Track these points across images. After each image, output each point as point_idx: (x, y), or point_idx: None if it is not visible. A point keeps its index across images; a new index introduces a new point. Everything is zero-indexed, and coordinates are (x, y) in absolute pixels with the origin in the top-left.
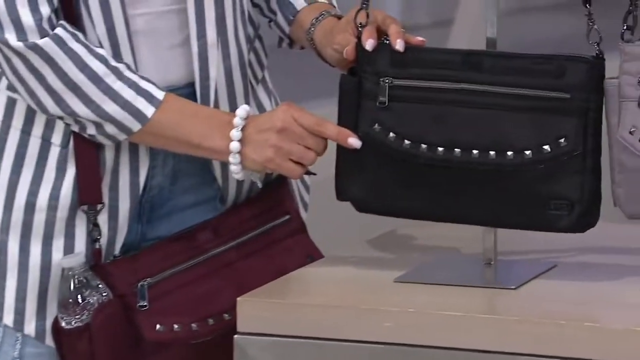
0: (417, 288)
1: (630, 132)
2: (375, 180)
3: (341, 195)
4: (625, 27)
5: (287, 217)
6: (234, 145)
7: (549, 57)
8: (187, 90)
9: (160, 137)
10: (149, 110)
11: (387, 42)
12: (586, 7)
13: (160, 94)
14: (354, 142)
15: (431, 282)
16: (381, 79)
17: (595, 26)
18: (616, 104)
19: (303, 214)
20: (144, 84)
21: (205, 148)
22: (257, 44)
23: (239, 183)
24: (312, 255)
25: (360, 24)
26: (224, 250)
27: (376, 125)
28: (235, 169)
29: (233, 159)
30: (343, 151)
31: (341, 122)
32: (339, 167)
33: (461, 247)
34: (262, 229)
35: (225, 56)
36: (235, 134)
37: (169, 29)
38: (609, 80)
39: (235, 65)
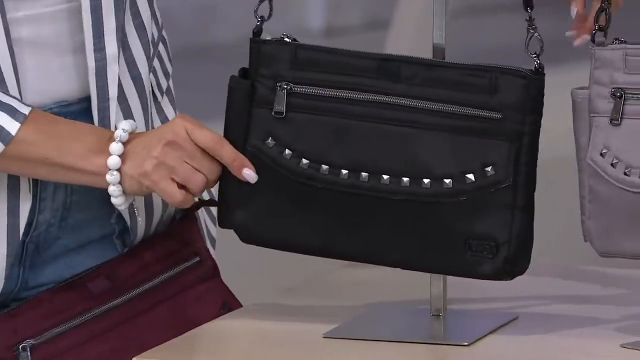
0: (350, 345)
1: (602, 154)
2: (265, 206)
3: (224, 221)
4: (596, 28)
5: (196, 259)
6: (113, 161)
7: (480, 69)
8: (80, 107)
9: (28, 159)
10: (12, 126)
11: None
12: (527, 11)
13: (25, 109)
14: (250, 175)
15: (368, 338)
16: (278, 84)
17: (537, 34)
18: (586, 120)
19: (213, 254)
20: (6, 99)
21: (80, 169)
22: (161, 47)
23: (149, 215)
24: (227, 303)
25: None
26: (123, 302)
27: (270, 139)
28: (113, 191)
29: (111, 177)
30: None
31: (228, 133)
32: (222, 188)
33: (405, 295)
34: (167, 275)
35: (126, 70)
36: (116, 147)
37: (58, 34)
38: (578, 90)
39: (137, 78)
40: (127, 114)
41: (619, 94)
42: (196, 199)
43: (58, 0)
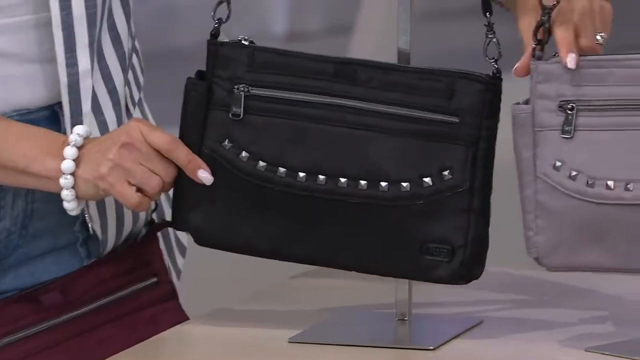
0: (316, 350)
1: (555, 168)
2: (221, 208)
3: (179, 223)
4: (536, 42)
5: (153, 280)
6: (67, 165)
7: (437, 73)
8: (41, 114)
9: None
10: None
11: None
12: (485, 16)
13: None
14: (205, 177)
15: (333, 342)
16: (236, 86)
17: (495, 39)
18: (530, 135)
19: (175, 281)
20: None
21: (33, 172)
22: (134, 58)
23: (119, 224)
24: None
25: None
26: (75, 317)
27: (226, 142)
28: (66, 196)
29: (64, 181)
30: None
31: (184, 135)
32: (178, 190)
33: (370, 300)
34: (122, 293)
35: (102, 82)
36: (70, 151)
37: (23, 44)
38: (519, 106)
39: (113, 90)
40: (103, 127)
41: (569, 107)
42: (155, 217)
43: (26, 11)
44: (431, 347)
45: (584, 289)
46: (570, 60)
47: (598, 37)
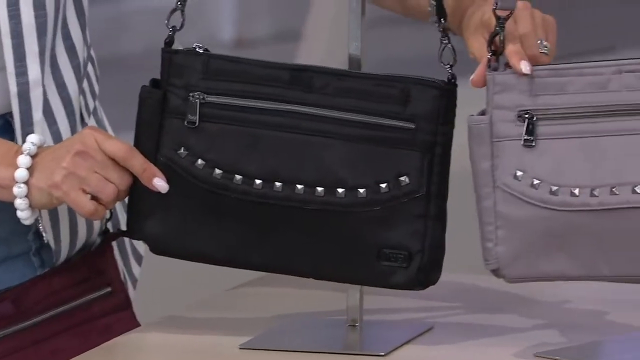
0: (267, 356)
1: (516, 178)
2: (176, 216)
3: (134, 232)
4: (490, 53)
5: (107, 289)
6: (20, 174)
7: (392, 79)
8: None
9: None
10: None
11: None
12: (440, 22)
13: None
14: (161, 185)
15: (284, 349)
16: (191, 94)
17: (450, 45)
18: (487, 146)
19: (131, 292)
20: None
21: None
22: (89, 67)
23: (72, 233)
24: None
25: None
26: (27, 327)
27: (182, 150)
28: (19, 205)
29: (17, 190)
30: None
31: (139, 143)
32: (133, 198)
33: (322, 306)
34: (76, 303)
35: (56, 91)
36: (23, 160)
37: None
38: (475, 117)
39: (67, 100)
40: (57, 136)
41: (529, 117)
42: (110, 226)
43: None
44: (382, 353)
45: (534, 295)
46: (524, 66)
47: (543, 48)
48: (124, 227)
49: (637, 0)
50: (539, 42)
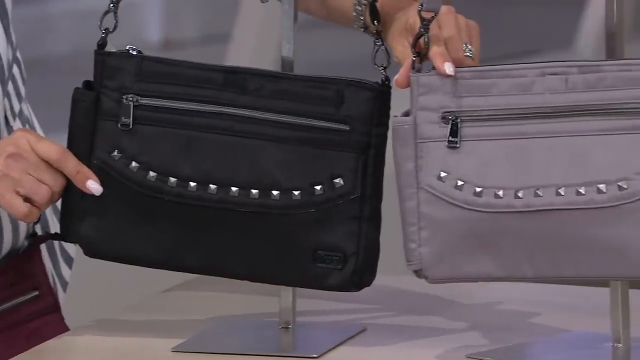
0: (199, 358)
1: (440, 179)
2: (111, 219)
3: (68, 234)
4: (415, 55)
5: (35, 293)
6: None
7: (326, 81)
8: None
9: None
10: None
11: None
12: (373, 24)
13: None
14: (94, 188)
15: (217, 351)
16: (124, 96)
17: (384, 47)
18: (411, 147)
19: (61, 295)
20: None
21: None
22: (15, 69)
23: (15, 231)
24: None
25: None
26: None
27: (116, 152)
28: None
29: None
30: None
31: (73, 145)
32: (67, 200)
33: (255, 308)
34: (2, 307)
35: None
36: None
37: None
38: (399, 118)
39: None
40: None
41: (453, 118)
42: (39, 230)
43: None
44: (315, 355)
45: (465, 297)
46: (448, 67)
47: (468, 52)
48: (53, 230)
49: (561, 3)
50: (463, 45)
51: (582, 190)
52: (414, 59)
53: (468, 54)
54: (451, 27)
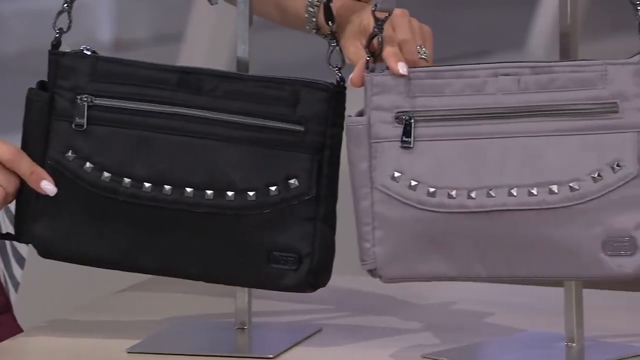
0: (155, 359)
1: (394, 179)
2: (65, 220)
3: (23, 235)
4: (369, 55)
5: None
6: None
7: (281, 82)
8: None
9: None
10: None
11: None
12: (328, 24)
13: None
14: (49, 188)
15: (172, 352)
16: (78, 97)
17: (338, 47)
18: (365, 147)
19: (13, 295)
20: None
21: None
22: None
23: None
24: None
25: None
26: None
27: (70, 153)
28: None
29: None
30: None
31: (27, 146)
32: (21, 201)
33: (210, 309)
34: None
35: None
36: None
37: None
38: (353, 118)
39: None
40: None
41: (407, 118)
42: None
43: None
44: (271, 356)
45: (420, 297)
46: (401, 66)
47: (421, 54)
48: (3, 230)
49: (513, 4)
50: (418, 48)
51: (534, 191)
52: (368, 58)
53: (422, 56)
54: (405, 29)
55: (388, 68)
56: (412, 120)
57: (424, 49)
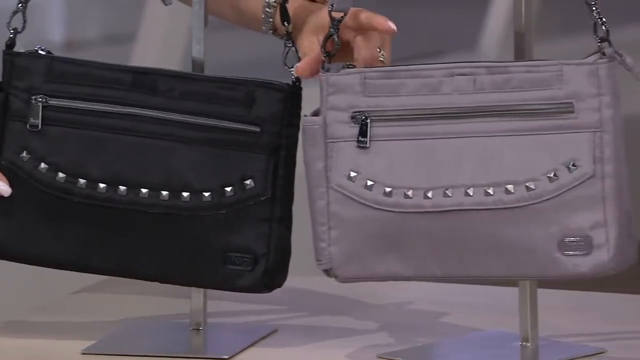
0: None
1: (350, 179)
2: (20, 221)
3: None
4: (325, 54)
5: None
6: None
7: (237, 82)
8: None
9: None
10: None
11: None
12: (284, 25)
13: None
14: (3, 189)
15: (127, 353)
16: (33, 97)
17: (294, 48)
18: (321, 147)
19: None
20: None
21: None
22: None
23: None
24: None
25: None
26: None
27: (24, 153)
28: None
29: None
30: None
31: None
32: None
33: (166, 310)
34: None
35: None
36: None
37: None
38: (309, 118)
39: None
40: None
41: (363, 118)
42: None
43: None
44: (226, 357)
45: (376, 297)
46: (391, 23)
47: (380, 56)
48: None
49: (465, 5)
50: (377, 49)
51: (490, 191)
52: (324, 58)
53: (381, 58)
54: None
55: (346, 67)
56: (368, 120)
57: (382, 51)
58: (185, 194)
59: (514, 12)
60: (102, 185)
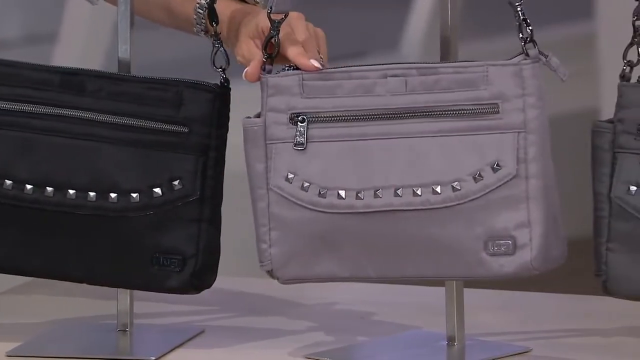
0: None
1: (288, 180)
2: None
3: None
4: (266, 56)
5: None
6: None
7: (165, 83)
8: None
9: None
10: None
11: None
12: (212, 25)
13: None
14: None
15: (53, 355)
16: None
17: (222, 48)
18: (262, 148)
19: None
20: None
21: None
22: None
23: None
24: None
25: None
26: None
27: None
28: None
29: None
30: None
31: None
32: None
33: (92, 311)
34: None
35: None
36: None
37: None
38: (250, 120)
39: None
40: None
41: (300, 119)
42: None
43: None
44: (152, 358)
45: (304, 298)
46: (314, 62)
47: (319, 58)
48: None
49: (386, 6)
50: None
51: (418, 191)
52: (264, 60)
53: (321, 60)
54: (304, 31)
55: (292, 68)
56: (305, 122)
57: (321, 55)
58: (113, 195)
59: (440, 13)
60: (29, 186)
